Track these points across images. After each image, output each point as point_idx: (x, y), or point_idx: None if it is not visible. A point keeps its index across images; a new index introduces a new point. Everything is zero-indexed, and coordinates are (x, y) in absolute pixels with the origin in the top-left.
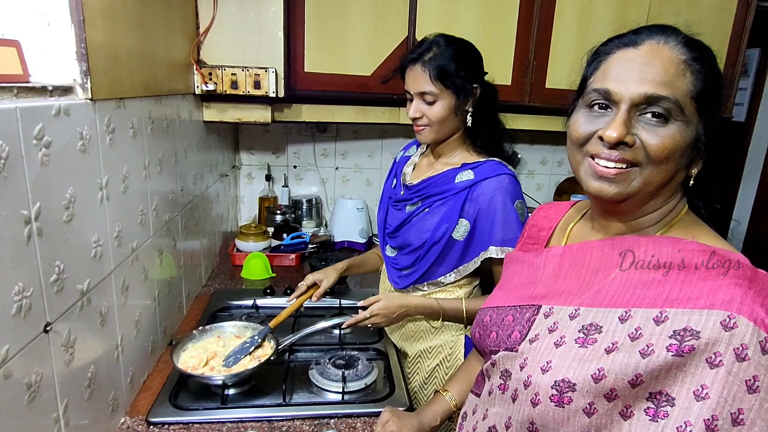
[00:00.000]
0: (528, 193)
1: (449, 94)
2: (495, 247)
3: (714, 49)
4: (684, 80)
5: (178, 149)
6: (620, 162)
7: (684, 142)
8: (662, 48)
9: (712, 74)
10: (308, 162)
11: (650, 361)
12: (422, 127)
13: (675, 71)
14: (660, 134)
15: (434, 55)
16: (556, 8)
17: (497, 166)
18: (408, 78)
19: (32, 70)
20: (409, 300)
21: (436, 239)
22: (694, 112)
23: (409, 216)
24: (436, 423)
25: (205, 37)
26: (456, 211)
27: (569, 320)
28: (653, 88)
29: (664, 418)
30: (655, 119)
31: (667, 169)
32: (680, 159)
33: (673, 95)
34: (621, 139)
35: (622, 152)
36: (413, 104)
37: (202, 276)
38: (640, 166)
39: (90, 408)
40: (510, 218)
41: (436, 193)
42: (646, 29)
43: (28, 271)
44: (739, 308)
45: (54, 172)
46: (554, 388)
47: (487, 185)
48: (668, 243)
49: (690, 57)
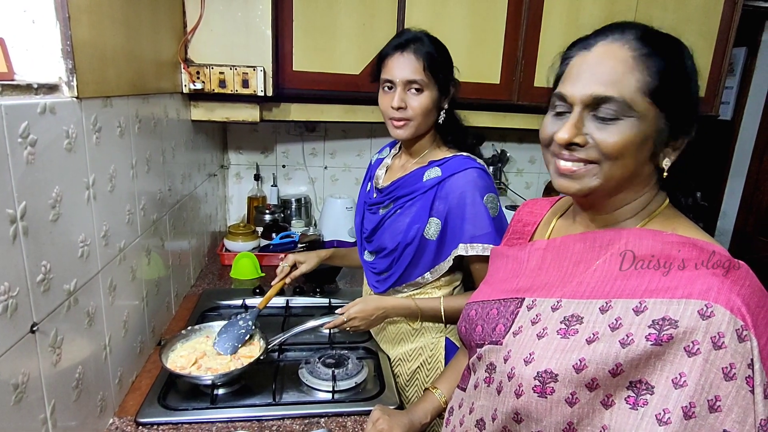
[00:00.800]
0: (517, 192)
1: (434, 87)
2: (464, 244)
3: (700, 48)
4: (632, 77)
5: (165, 148)
6: (577, 161)
7: (637, 137)
8: (614, 47)
9: (671, 66)
10: (297, 161)
11: (630, 351)
12: (403, 121)
13: (623, 69)
14: (611, 132)
15: (425, 45)
16: (545, 7)
17: (464, 160)
18: (394, 65)
19: (17, 68)
20: (386, 302)
21: (409, 240)
22: (648, 107)
23: (382, 219)
24: (427, 420)
25: (193, 35)
26: (426, 210)
27: (551, 312)
28: (600, 89)
29: (643, 406)
30: (605, 118)
31: (625, 164)
32: (637, 153)
33: (620, 94)
34: (571, 141)
35: (576, 152)
36: (397, 93)
37: (190, 276)
38: (598, 163)
39: (78, 409)
40: (479, 213)
41: (405, 193)
42: (604, 30)
43: (14, 270)
44: (716, 297)
45: (40, 171)
46: (537, 379)
47: (455, 181)
48: (649, 235)
49: (641, 53)
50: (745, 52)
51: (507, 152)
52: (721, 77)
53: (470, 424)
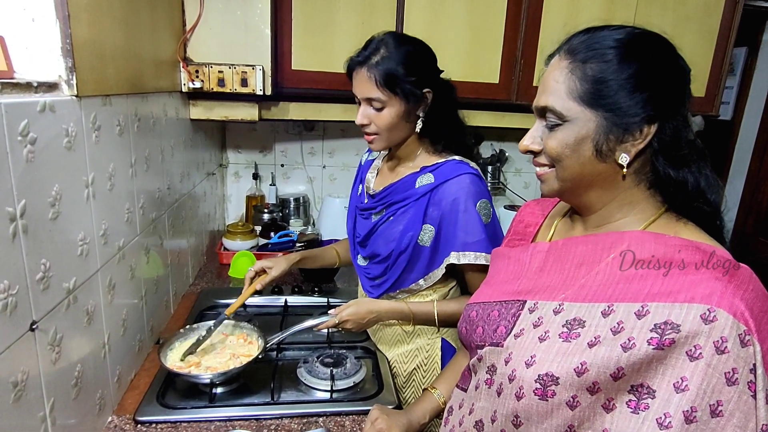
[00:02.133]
0: (515, 192)
1: (398, 100)
2: (456, 252)
3: (700, 48)
4: (564, 85)
5: (164, 147)
6: (541, 166)
7: (570, 140)
8: (560, 57)
9: (609, 68)
10: (295, 160)
11: (631, 355)
12: (371, 136)
13: (558, 79)
14: (552, 138)
15: (382, 58)
16: (544, 7)
17: (458, 165)
18: (354, 82)
19: (17, 66)
20: (379, 305)
21: (402, 248)
22: (581, 110)
23: (375, 225)
24: (425, 420)
25: (192, 34)
26: (419, 218)
27: (553, 315)
28: (542, 100)
29: (645, 410)
30: (550, 126)
31: (567, 165)
32: (575, 155)
33: (554, 103)
34: (527, 149)
35: (537, 158)
36: (360, 110)
37: (189, 275)
38: (553, 167)
39: (77, 407)
40: (471, 221)
41: (398, 200)
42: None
43: (14, 268)
44: (719, 302)
45: (39, 169)
46: (538, 382)
47: (448, 188)
48: (651, 238)
49: (576, 59)
50: (745, 51)
51: (506, 152)
52: (722, 77)
53: (469, 425)
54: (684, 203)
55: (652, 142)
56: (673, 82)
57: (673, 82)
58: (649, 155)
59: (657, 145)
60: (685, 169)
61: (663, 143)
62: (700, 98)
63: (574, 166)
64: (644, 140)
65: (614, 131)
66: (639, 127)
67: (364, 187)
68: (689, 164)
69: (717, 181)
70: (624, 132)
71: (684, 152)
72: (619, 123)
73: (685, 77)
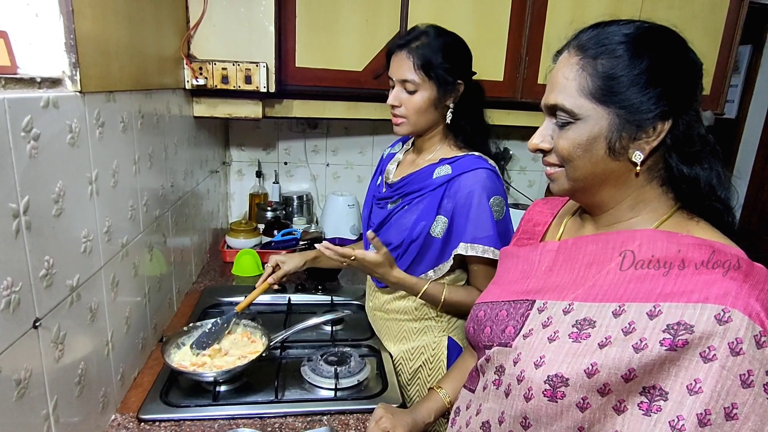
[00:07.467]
0: (520, 190)
1: (431, 85)
2: (464, 243)
3: (706, 46)
4: (575, 82)
5: (168, 144)
6: (551, 165)
7: (582, 139)
8: (570, 54)
9: (621, 64)
10: (299, 158)
11: (643, 356)
12: (399, 119)
13: (569, 76)
14: (563, 137)
15: (422, 44)
16: (549, 4)
17: (476, 160)
18: (393, 64)
19: (20, 62)
20: (397, 271)
21: (414, 237)
22: (593, 107)
23: (389, 214)
24: (430, 420)
25: (196, 31)
26: (433, 208)
27: (563, 315)
28: (552, 98)
29: (657, 412)
30: (561, 124)
31: (580, 164)
32: (585, 154)
33: (565, 100)
34: (537, 148)
35: (547, 157)
36: (393, 91)
37: (192, 272)
38: (563, 166)
39: (80, 405)
40: (483, 215)
41: (414, 189)
42: (577, 34)
43: (17, 265)
44: (733, 302)
45: (43, 166)
46: (547, 383)
47: (464, 180)
48: (663, 237)
49: (586, 55)
50: (750, 49)
51: (510, 150)
52: (727, 75)
53: (476, 426)
54: (696, 201)
55: (666, 139)
56: (685, 77)
57: (686, 77)
58: (662, 152)
59: (670, 141)
60: (697, 165)
61: (676, 139)
62: (705, 96)
63: (586, 165)
64: (658, 137)
65: (627, 128)
66: (653, 123)
67: (384, 177)
68: (701, 161)
69: (728, 177)
70: (637, 129)
71: (697, 148)
72: (632, 120)
73: (697, 71)
